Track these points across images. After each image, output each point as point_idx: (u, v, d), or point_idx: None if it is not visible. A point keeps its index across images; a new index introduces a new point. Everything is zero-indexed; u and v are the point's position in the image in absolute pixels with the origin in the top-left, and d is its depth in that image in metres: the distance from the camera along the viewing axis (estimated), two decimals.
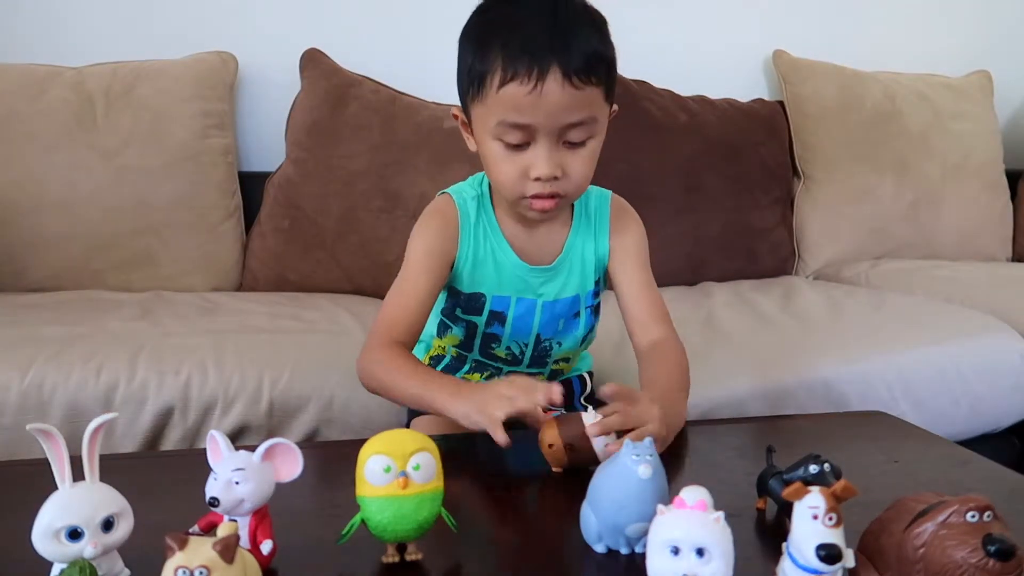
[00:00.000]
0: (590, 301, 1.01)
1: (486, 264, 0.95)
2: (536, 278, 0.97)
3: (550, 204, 0.87)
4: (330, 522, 0.61)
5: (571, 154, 0.85)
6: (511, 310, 0.97)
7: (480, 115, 0.85)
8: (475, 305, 0.97)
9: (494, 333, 0.99)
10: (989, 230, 2.18)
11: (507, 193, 0.88)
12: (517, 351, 1.01)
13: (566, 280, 0.98)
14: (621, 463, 0.59)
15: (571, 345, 1.02)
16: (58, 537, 0.51)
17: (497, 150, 0.85)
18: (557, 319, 0.99)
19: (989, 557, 0.49)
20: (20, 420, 1.03)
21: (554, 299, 0.98)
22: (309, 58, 1.74)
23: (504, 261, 0.95)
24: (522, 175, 0.85)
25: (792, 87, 2.08)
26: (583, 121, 0.83)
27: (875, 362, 1.30)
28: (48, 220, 1.54)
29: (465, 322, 0.99)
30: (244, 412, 1.09)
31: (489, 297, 0.96)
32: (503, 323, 0.98)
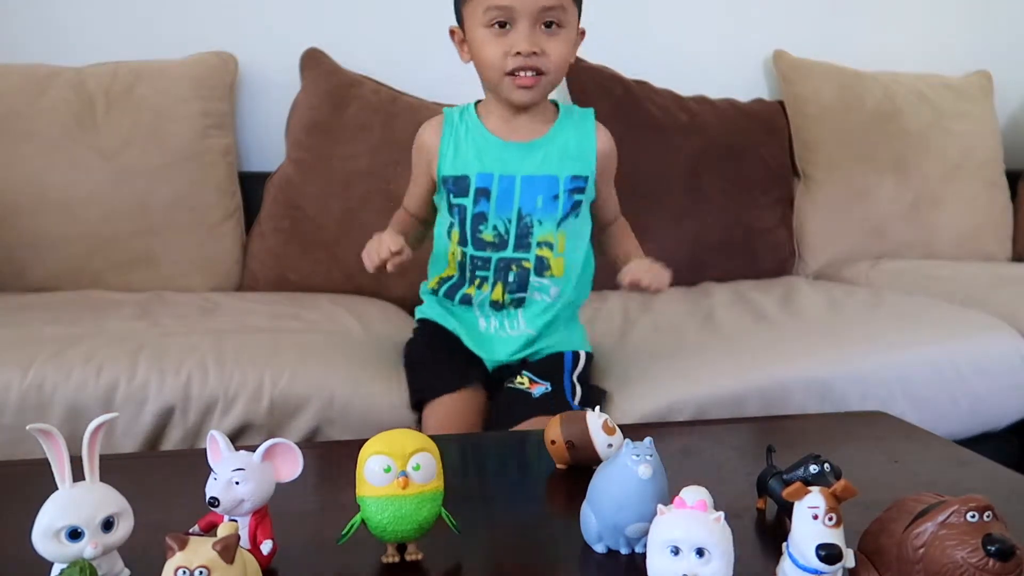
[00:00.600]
0: (568, 185, 1.11)
1: (467, 148, 1.10)
2: (514, 154, 1.09)
3: (531, 80, 1.03)
4: (330, 522, 0.62)
5: (548, 37, 1.02)
6: (494, 185, 1.09)
7: (470, 12, 1.03)
8: (462, 187, 1.10)
9: (481, 212, 1.10)
10: (989, 230, 2.18)
11: (492, 74, 1.04)
12: (503, 229, 1.11)
13: (544, 158, 1.10)
14: (621, 463, 0.59)
15: (551, 226, 1.11)
16: (58, 537, 0.51)
17: (485, 36, 1.02)
18: (536, 195, 1.10)
19: (989, 557, 0.49)
20: (20, 420, 1.03)
21: (532, 174, 1.09)
22: (309, 58, 1.74)
23: (483, 143, 1.10)
24: (505, 54, 1.01)
25: (792, 87, 2.08)
26: (555, 6, 1.00)
27: (874, 361, 1.30)
28: (48, 220, 1.54)
29: (457, 208, 1.11)
30: (245, 411, 1.09)
31: (473, 176, 1.09)
32: (488, 199, 1.09)
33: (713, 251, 1.91)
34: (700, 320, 1.51)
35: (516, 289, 1.13)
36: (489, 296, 1.14)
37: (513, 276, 1.12)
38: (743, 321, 1.50)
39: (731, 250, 1.94)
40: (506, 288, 1.13)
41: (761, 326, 1.46)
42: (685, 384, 1.19)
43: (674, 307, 1.61)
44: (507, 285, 1.12)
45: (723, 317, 1.52)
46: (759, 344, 1.35)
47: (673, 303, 1.65)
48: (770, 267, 1.98)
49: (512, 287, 1.13)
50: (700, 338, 1.39)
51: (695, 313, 1.56)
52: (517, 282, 1.12)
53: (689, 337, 1.40)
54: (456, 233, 1.13)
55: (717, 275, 1.90)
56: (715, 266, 1.91)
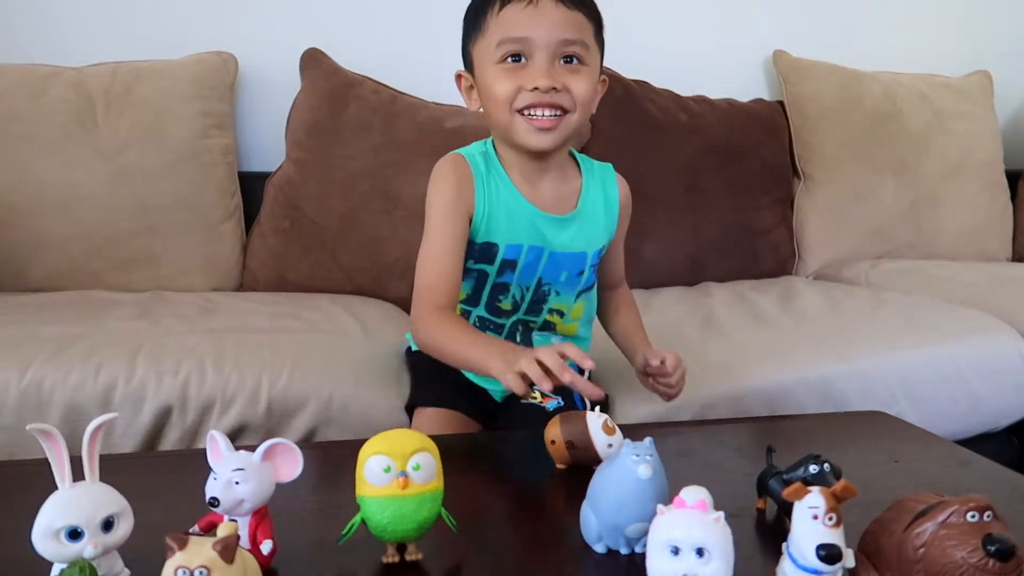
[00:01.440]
0: (595, 260, 1.04)
1: (499, 213, 0.97)
2: (549, 227, 0.99)
3: (551, 122, 0.90)
4: (330, 522, 0.62)
5: (569, 72, 0.90)
6: (521, 258, 0.99)
7: (481, 50, 0.92)
8: (488, 255, 0.98)
9: (504, 283, 1.01)
10: (989, 230, 2.18)
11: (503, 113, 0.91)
12: (519, 297, 1.02)
13: (577, 233, 1.00)
14: (621, 463, 0.59)
15: (567, 298, 1.04)
16: (58, 537, 0.51)
17: (497, 74, 0.90)
18: (561, 271, 1.01)
19: (989, 557, 0.49)
20: (19, 420, 1.03)
21: (563, 251, 1.00)
22: (309, 58, 1.74)
23: (517, 210, 0.97)
24: (519, 88, 0.89)
25: (792, 87, 2.08)
26: (577, 40, 0.90)
27: (874, 361, 1.30)
28: (48, 220, 1.54)
29: (476, 273, 1.00)
30: (243, 412, 1.09)
31: (502, 246, 0.98)
32: (513, 271, 1.00)
33: (713, 251, 1.91)
34: (700, 320, 1.51)
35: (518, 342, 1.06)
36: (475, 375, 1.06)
37: (520, 335, 1.06)
38: (743, 322, 1.50)
39: (731, 250, 1.94)
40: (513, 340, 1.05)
41: (761, 326, 1.46)
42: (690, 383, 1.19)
43: (674, 307, 1.61)
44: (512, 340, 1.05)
45: (723, 317, 1.52)
46: (759, 345, 1.35)
47: (673, 303, 1.65)
48: (770, 267, 1.98)
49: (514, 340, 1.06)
50: (700, 338, 1.39)
51: (695, 313, 1.56)
52: (523, 339, 1.06)
53: (689, 337, 1.40)
54: (467, 293, 1.04)
55: (717, 275, 1.90)
56: (715, 266, 1.91)
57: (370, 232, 1.67)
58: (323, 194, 1.66)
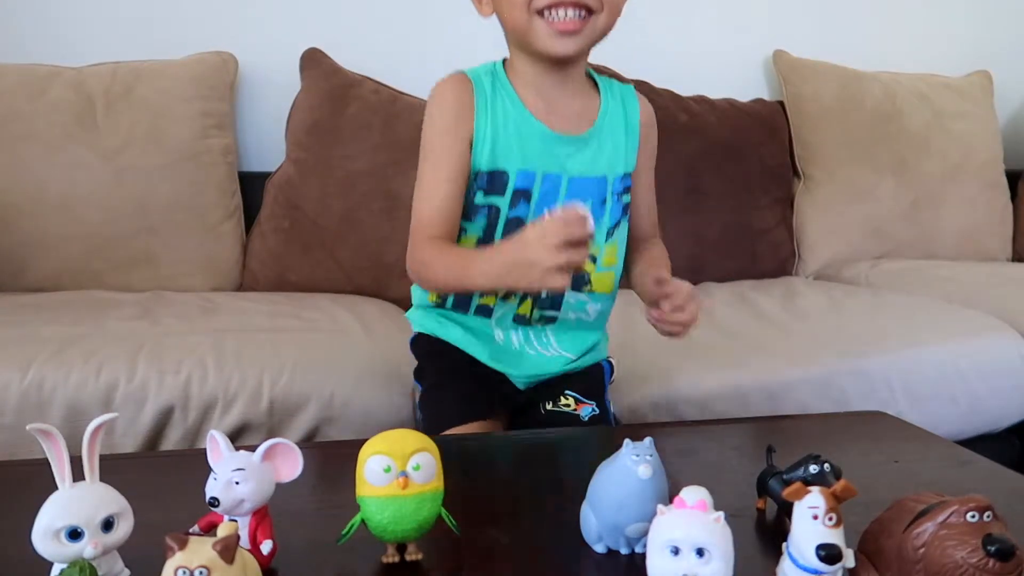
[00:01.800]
0: (617, 187, 0.94)
1: (507, 137, 0.88)
2: (564, 148, 0.90)
3: (575, 24, 0.80)
4: (330, 522, 0.61)
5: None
6: (536, 186, 0.89)
7: None
8: (498, 184, 0.89)
9: (518, 217, 0.90)
10: (989, 230, 2.18)
11: (521, 16, 0.82)
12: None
13: (596, 155, 0.92)
14: (621, 463, 0.59)
15: (598, 236, 0.92)
16: (58, 537, 0.51)
17: None
18: (583, 200, 0.91)
19: (989, 557, 0.49)
20: (20, 420, 1.03)
21: (581, 175, 0.90)
22: (309, 58, 1.74)
23: (528, 131, 0.89)
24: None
25: (792, 87, 2.08)
26: None
27: (874, 361, 1.30)
28: (48, 220, 1.54)
29: (486, 208, 0.90)
30: (245, 411, 1.09)
31: (513, 173, 0.89)
32: (528, 202, 0.90)
33: (713, 251, 1.91)
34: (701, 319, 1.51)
35: (548, 306, 0.94)
36: (515, 310, 0.94)
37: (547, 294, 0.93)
38: (744, 321, 1.50)
39: (731, 250, 1.94)
40: (536, 303, 0.94)
41: (762, 326, 1.46)
42: (687, 383, 1.19)
43: None
44: (538, 300, 0.93)
45: (724, 317, 1.52)
46: (759, 344, 1.35)
47: None
48: (770, 267, 1.98)
49: (544, 303, 0.94)
50: (701, 337, 1.39)
51: None
52: (550, 298, 0.94)
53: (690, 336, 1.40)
54: (474, 237, 0.93)
55: (717, 275, 1.90)
56: (715, 266, 1.91)
57: (370, 232, 1.67)
58: (323, 194, 1.66)
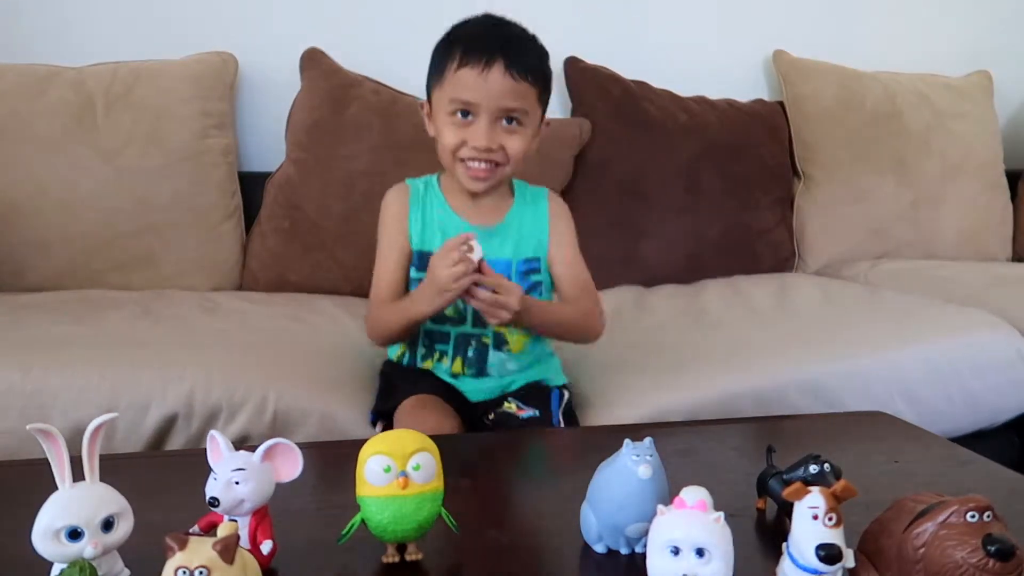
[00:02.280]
0: (521, 268, 1.14)
1: (433, 226, 1.13)
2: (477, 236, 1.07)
3: (484, 172, 1.06)
4: (330, 522, 0.62)
5: (507, 134, 1.05)
6: None
7: (438, 98, 1.07)
8: (426, 262, 1.09)
9: None
10: (989, 230, 2.18)
11: (448, 158, 1.08)
12: (461, 306, 1.11)
13: (502, 244, 1.12)
14: (621, 463, 0.59)
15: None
16: (58, 537, 0.51)
17: (447, 122, 1.06)
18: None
19: (989, 557, 0.49)
20: (22, 422, 1.03)
21: (490, 258, 1.07)
22: (309, 58, 1.74)
23: (448, 223, 1.12)
24: (462, 142, 1.05)
25: (792, 87, 2.08)
26: (518, 108, 1.04)
27: (871, 359, 1.30)
28: (48, 220, 1.54)
29: (418, 281, 1.12)
30: (248, 422, 1.08)
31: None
32: None
33: (713, 251, 1.91)
34: (694, 317, 1.51)
35: (475, 363, 1.13)
36: (449, 369, 1.13)
37: (472, 352, 1.12)
38: (739, 320, 1.50)
39: (731, 250, 1.94)
40: (465, 362, 1.12)
41: (757, 325, 1.46)
42: (681, 385, 1.19)
43: (670, 304, 1.62)
44: (466, 359, 1.12)
45: (719, 316, 1.52)
46: (755, 344, 1.35)
47: (669, 300, 1.65)
48: (770, 267, 1.98)
49: (471, 361, 1.12)
50: (695, 338, 1.39)
51: (690, 310, 1.56)
52: (476, 357, 1.12)
53: (684, 334, 1.40)
54: None
55: (717, 275, 1.89)
56: (715, 266, 1.91)
57: (370, 232, 1.64)
58: (323, 194, 1.66)
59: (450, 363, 1.13)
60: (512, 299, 1.00)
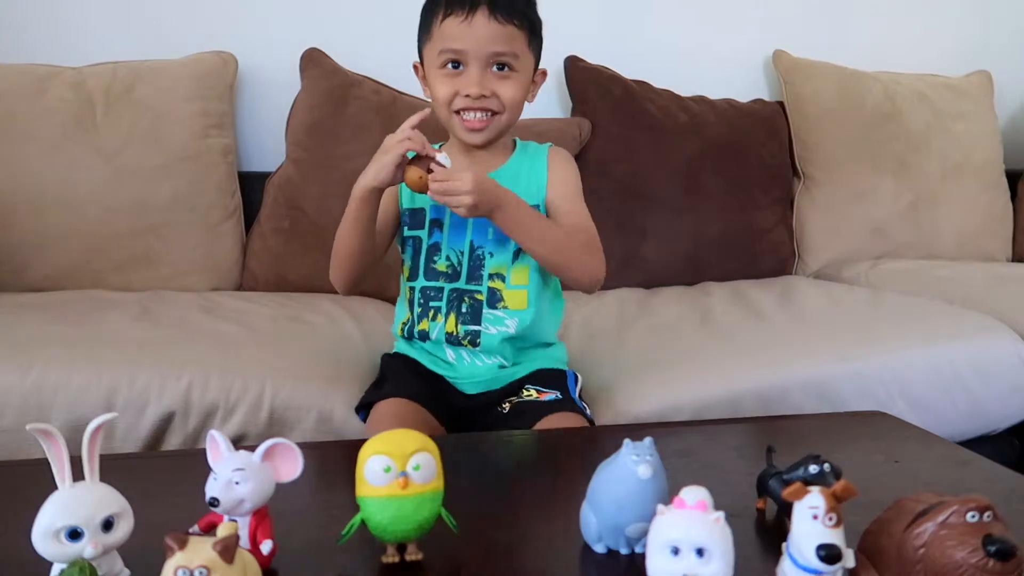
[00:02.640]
0: None
1: None
2: None
3: (480, 123, 1.04)
4: (330, 522, 0.62)
5: (499, 80, 1.03)
6: (447, 216, 1.09)
7: (428, 53, 1.05)
8: (418, 219, 1.11)
9: (435, 242, 1.10)
10: (989, 230, 2.18)
11: (442, 111, 1.05)
12: (455, 260, 1.10)
13: None
14: (621, 463, 0.59)
15: (503, 258, 1.09)
16: (58, 537, 0.51)
17: (438, 75, 1.04)
18: (487, 227, 1.08)
19: (989, 557, 0.49)
20: (21, 421, 1.03)
21: None
22: (309, 58, 1.74)
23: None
24: (455, 93, 1.03)
25: (792, 87, 2.08)
26: (506, 52, 1.01)
27: (873, 362, 1.30)
28: (48, 220, 1.54)
29: (411, 240, 1.11)
30: (245, 419, 1.09)
31: (428, 208, 1.11)
32: (441, 229, 1.10)
33: (713, 251, 1.91)
34: (698, 320, 1.51)
35: (469, 320, 1.08)
36: (443, 328, 1.09)
37: (466, 307, 1.09)
38: (741, 321, 1.50)
39: (731, 250, 1.94)
40: (459, 319, 1.08)
41: (759, 326, 1.46)
42: (683, 385, 1.19)
43: (672, 306, 1.62)
44: (460, 316, 1.08)
45: (721, 317, 1.52)
46: (757, 345, 1.35)
47: (671, 302, 1.65)
48: (770, 267, 1.98)
49: (465, 318, 1.08)
50: (698, 338, 1.39)
51: (693, 311, 1.56)
52: (470, 313, 1.08)
53: (687, 336, 1.40)
54: (408, 268, 1.12)
55: (717, 275, 1.90)
56: (715, 266, 1.91)
57: None
58: (323, 194, 1.66)
59: (444, 320, 1.09)
60: (464, 180, 0.93)
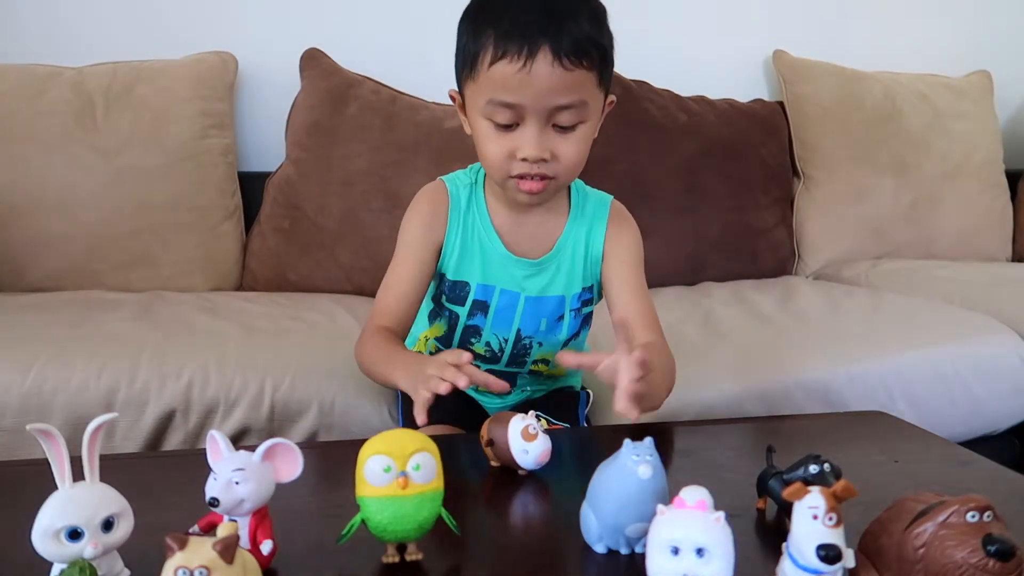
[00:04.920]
0: (575, 304, 0.99)
1: (472, 252, 0.95)
2: (522, 271, 0.95)
3: (538, 186, 0.86)
4: (330, 522, 0.61)
5: (561, 138, 0.84)
6: (494, 300, 0.96)
7: (472, 95, 0.85)
8: (459, 294, 0.96)
9: (475, 325, 0.97)
10: (989, 230, 2.18)
11: (495, 173, 0.88)
12: (496, 347, 0.98)
13: (553, 278, 0.96)
14: (621, 463, 0.59)
15: (552, 348, 0.99)
16: (58, 537, 0.51)
17: (487, 130, 0.85)
18: (540, 318, 0.97)
19: (989, 557, 0.49)
20: (21, 421, 1.03)
21: (538, 295, 0.96)
22: (309, 58, 1.74)
23: (491, 250, 0.95)
24: (509, 155, 0.84)
25: (792, 87, 2.08)
26: (573, 104, 0.82)
27: (873, 363, 1.30)
28: (48, 220, 1.54)
29: (448, 312, 0.98)
30: (246, 416, 1.09)
31: (473, 286, 0.95)
32: (485, 314, 0.97)
33: (713, 251, 1.91)
34: (698, 320, 1.51)
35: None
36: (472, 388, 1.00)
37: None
38: (742, 321, 1.50)
39: (731, 250, 1.94)
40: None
41: (760, 326, 1.46)
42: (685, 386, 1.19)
43: (673, 307, 1.61)
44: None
45: (722, 317, 1.52)
46: (757, 344, 1.35)
47: (672, 303, 1.65)
48: (770, 267, 1.98)
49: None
50: (699, 340, 1.39)
51: (694, 313, 1.56)
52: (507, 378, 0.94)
53: (687, 337, 1.40)
54: (440, 328, 1.01)
55: (717, 275, 1.90)
56: (715, 266, 1.91)
57: (370, 232, 1.67)
58: (323, 194, 1.66)
59: (472, 388, 1.00)
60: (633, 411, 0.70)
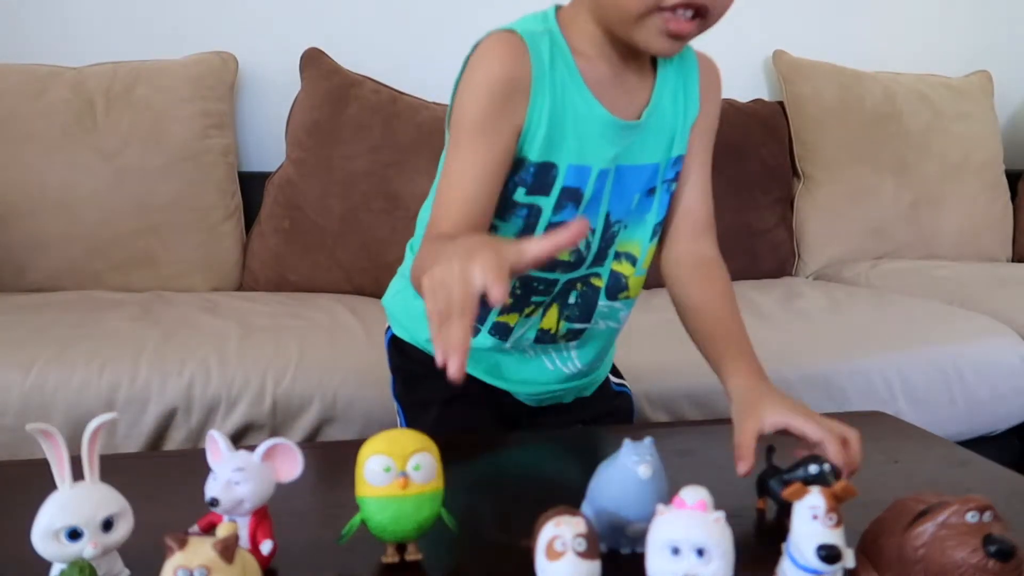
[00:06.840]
0: (669, 174, 0.80)
1: (563, 123, 0.72)
2: (623, 137, 0.75)
3: (689, 26, 0.67)
4: (330, 522, 0.61)
5: None
6: (589, 186, 0.74)
7: None
8: (544, 181, 0.73)
9: (560, 222, 0.74)
10: (989, 230, 2.18)
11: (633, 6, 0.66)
12: (583, 245, 0.77)
13: (650, 139, 0.77)
14: (621, 463, 0.59)
15: (640, 234, 0.81)
16: (58, 537, 0.51)
17: None
18: (631, 193, 0.78)
19: (989, 557, 0.49)
20: (22, 421, 1.03)
21: (632, 164, 0.76)
22: (309, 58, 1.74)
23: (588, 117, 0.72)
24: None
25: (792, 87, 2.08)
26: None
27: (874, 362, 1.30)
28: (48, 220, 1.54)
29: (526, 209, 0.74)
30: (248, 412, 1.09)
31: (563, 168, 0.73)
32: (577, 204, 0.75)
33: None
34: None
35: (577, 316, 0.81)
36: (537, 325, 0.80)
37: (576, 297, 0.80)
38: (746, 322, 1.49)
39: (731, 250, 1.90)
40: (562, 314, 0.80)
41: (761, 325, 1.46)
42: (685, 385, 1.19)
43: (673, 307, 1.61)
44: (564, 309, 0.80)
45: None
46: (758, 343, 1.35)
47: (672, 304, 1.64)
48: (770, 267, 1.98)
49: (572, 312, 0.81)
50: None
51: None
52: (581, 306, 0.81)
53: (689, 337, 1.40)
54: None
55: None
56: None
57: (370, 232, 1.67)
58: (323, 194, 1.66)
59: (540, 316, 0.80)
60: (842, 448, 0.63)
